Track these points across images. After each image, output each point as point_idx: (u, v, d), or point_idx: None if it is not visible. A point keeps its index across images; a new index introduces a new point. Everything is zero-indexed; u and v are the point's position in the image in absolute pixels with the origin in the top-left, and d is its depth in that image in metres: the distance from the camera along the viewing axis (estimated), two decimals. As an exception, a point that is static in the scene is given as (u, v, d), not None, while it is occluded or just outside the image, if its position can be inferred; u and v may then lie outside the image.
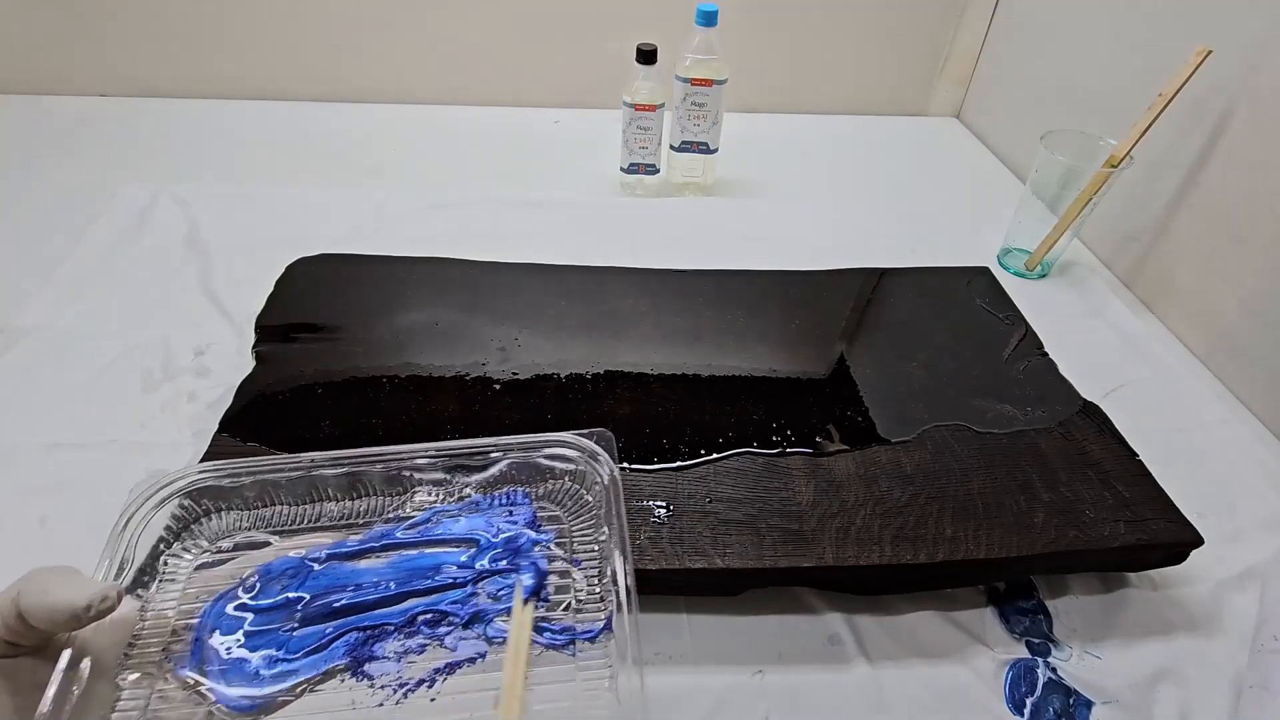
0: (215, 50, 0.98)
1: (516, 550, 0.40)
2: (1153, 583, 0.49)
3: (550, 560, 0.41)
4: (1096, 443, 0.53)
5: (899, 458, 0.51)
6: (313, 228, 0.74)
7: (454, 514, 0.42)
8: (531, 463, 0.43)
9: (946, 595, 0.47)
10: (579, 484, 0.43)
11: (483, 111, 1.03)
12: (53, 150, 0.87)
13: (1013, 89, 1.00)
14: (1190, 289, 0.69)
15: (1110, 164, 0.66)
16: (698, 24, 0.73)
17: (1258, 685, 0.43)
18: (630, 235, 0.78)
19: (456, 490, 0.42)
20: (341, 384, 0.55)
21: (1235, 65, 0.62)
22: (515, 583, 0.39)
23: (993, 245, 0.79)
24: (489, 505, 0.42)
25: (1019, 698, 0.42)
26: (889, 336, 0.63)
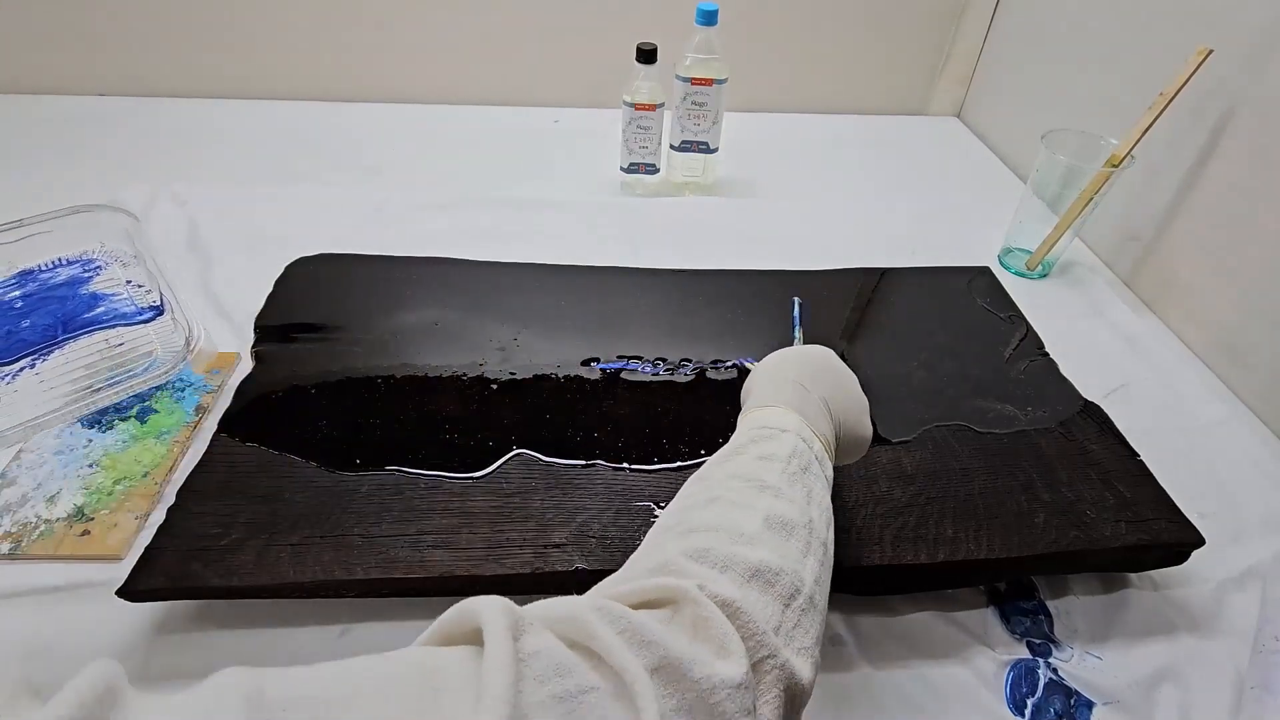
0: (215, 50, 0.98)
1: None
2: (1154, 583, 0.49)
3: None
4: (1097, 443, 0.53)
5: (899, 458, 0.51)
6: (312, 228, 0.74)
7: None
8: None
9: (947, 595, 0.47)
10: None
11: (483, 111, 1.03)
12: (53, 150, 0.87)
13: (1013, 88, 1.00)
14: (1191, 289, 0.69)
15: (1111, 163, 0.66)
16: (698, 23, 0.73)
17: (1259, 685, 0.43)
18: (630, 235, 0.78)
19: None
20: (341, 383, 0.55)
21: (1235, 65, 0.62)
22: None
23: (993, 245, 0.79)
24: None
25: (1020, 698, 0.42)
26: (889, 336, 0.63)
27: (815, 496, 0.33)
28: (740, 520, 0.30)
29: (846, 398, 0.41)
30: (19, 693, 0.20)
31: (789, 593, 0.28)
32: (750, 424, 0.37)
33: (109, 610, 0.42)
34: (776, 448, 0.34)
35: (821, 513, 0.33)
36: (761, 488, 0.32)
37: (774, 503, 0.31)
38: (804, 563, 0.30)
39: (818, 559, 0.31)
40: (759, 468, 0.33)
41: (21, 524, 0.46)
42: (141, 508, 0.48)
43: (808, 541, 0.31)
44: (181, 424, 0.53)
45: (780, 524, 0.30)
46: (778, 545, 0.29)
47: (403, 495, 0.47)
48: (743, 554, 0.28)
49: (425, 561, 0.43)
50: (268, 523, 0.44)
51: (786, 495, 0.32)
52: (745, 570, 0.27)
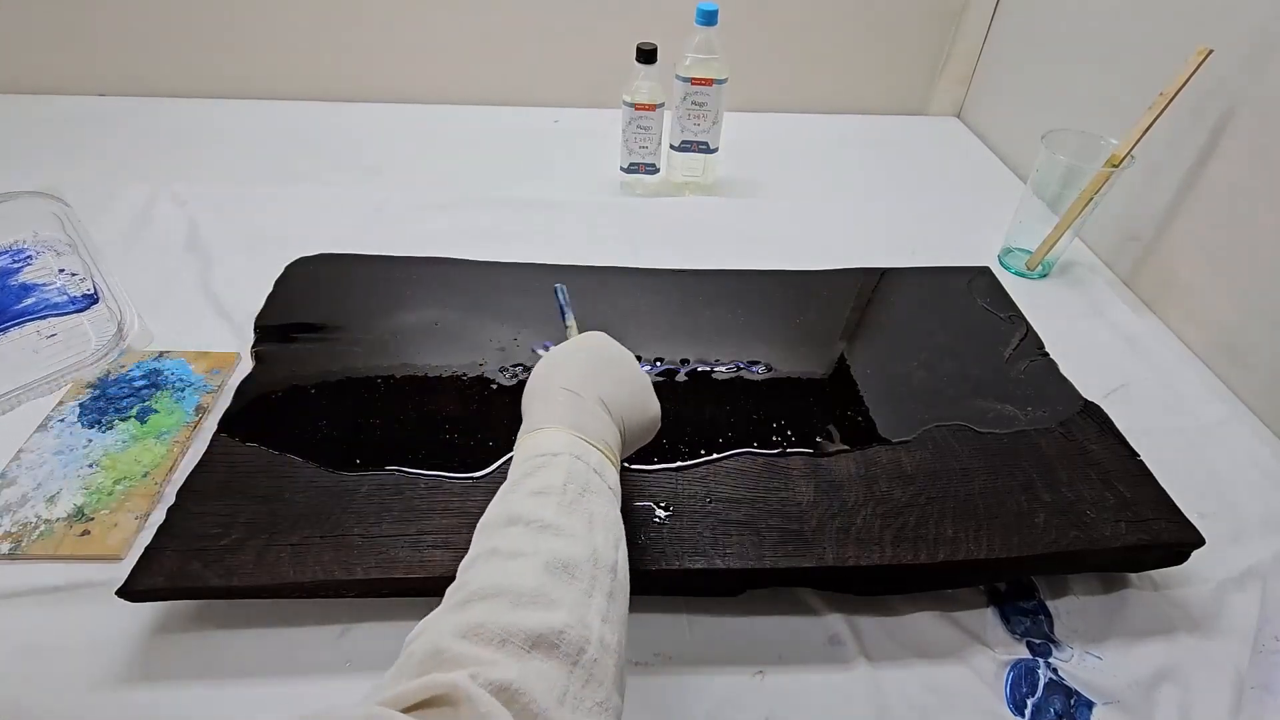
0: (215, 50, 0.98)
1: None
2: (1154, 583, 0.49)
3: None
4: (1097, 443, 0.53)
5: (899, 458, 0.51)
6: (312, 228, 0.74)
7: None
8: None
9: (947, 595, 0.47)
10: None
11: (483, 111, 1.03)
12: (53, 150, 0.87)
13: (1013, 88, 1.00)
14: (1191, 289, 0.69)
15: (1111, 163, 0.66)
16: (698, 23, 0.73)
17: (1259, 686, 0.43)
18: (630, 235, 0.78)
19: None
20: (340, 383, 0.55)
21: (1235, 65, 0.62)
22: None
23: (993, 245, 0.79)
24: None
25: (1020, 698, 0.42)
26: (889, 336, 0.63)
27: (598, 517, 0.33)
28: (517, 576, 0.29)
29: (623, 385, 0.41)
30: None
31: (575, 649, 0.27)
32: (523, 454, 0.36)
33: (109, 610, 0.42)
34: (549, 477, 0.33)
35: (607, 533, 0.33)
36: (540, 529, 0.31)
37: (553, 543, 0.30)
38: (589, 604, 0.29)
39: (604, 591, 0.30)
40: (533, 506, 0.32)
41: (21, 524, 0.46)
42: (141, 508, 0.48)
43: (592, 577, 0.30)
44: (181, 424, 0.53)
45: (560, 566, 0.29)
46: (560, 595, 0.28)
47: (403, 495, 0.47)
48: (521, 621, 0.27)
49: (425, 561, 0.43)
50: (268, 523, 0.44)
51: (566, 530, 0.31)
52: (525, 640, 0.26)
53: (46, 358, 0.47)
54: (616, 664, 0.29)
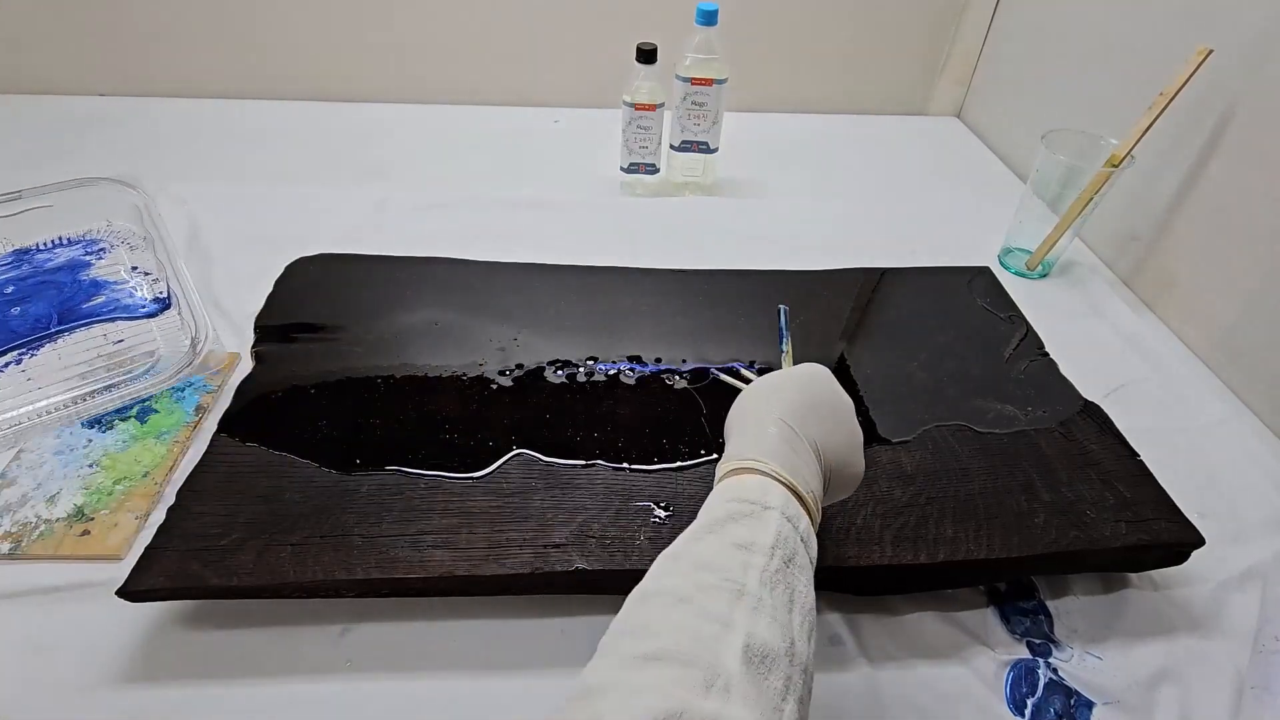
0: (215, 50, 0.98)
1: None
2: (1154, 583, 0.49)
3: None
4: (1097, 443, 0.53)
5: (899, 458, 0.51)
6: (313, 228, 0.74)
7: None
8: None
9: (947, 595, 0.47)
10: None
11: (483, 111, 1.03)
12: (53, 150, 0.87)
13: (1013, 89, 1.00)
14: (1191, 289, 0.69)
15: (1111, 163, 0.66)
16: (698, 23, 0.73)
17: (1259, 686, 0.43)
18: (630, 235, 0.78)
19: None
20: (340, 383, 0.55)
21: (1235, 65, 0.62)
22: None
23: (993, 245, 0.79)
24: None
25: (1020, 698, 0.42)
26: (889, 336, 0.63)
27: (798, 599, 0.29)
28: (714, 648, 0.25)
29: (840, 435, 0.37)
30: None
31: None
32: (728, 493, 0.32)
33: (109, 610, 0.42)
34: (757, 533, 0.30)
35: (804, 619, 0.29)
36: (739, 594, 0.27)
37: (753, 622, 0.26)
38: (781, 713, 0.25)
39: (796, 697, 0.26)
40: (736, 562, 0.28)
41: (21, 524, 0.46)
42: (141, 508, 0.48)
43: (788, 677, 0.26)
44: (181, 424, 0.53)
45: (760, 657, 0.26)
46: (756, 693, 0.25)
47: (403, 495, 0.47)
48: (720, 715, 0.23)
49: (425, 561, 0.43)
50: (268, 523, 0.44)
51: (768, 608, 0.27)
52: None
53: (109, 366, 0.42)
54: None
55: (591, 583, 0.44)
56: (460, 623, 0.44)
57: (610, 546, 0.44)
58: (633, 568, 0.43)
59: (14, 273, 0.42)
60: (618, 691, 0.24)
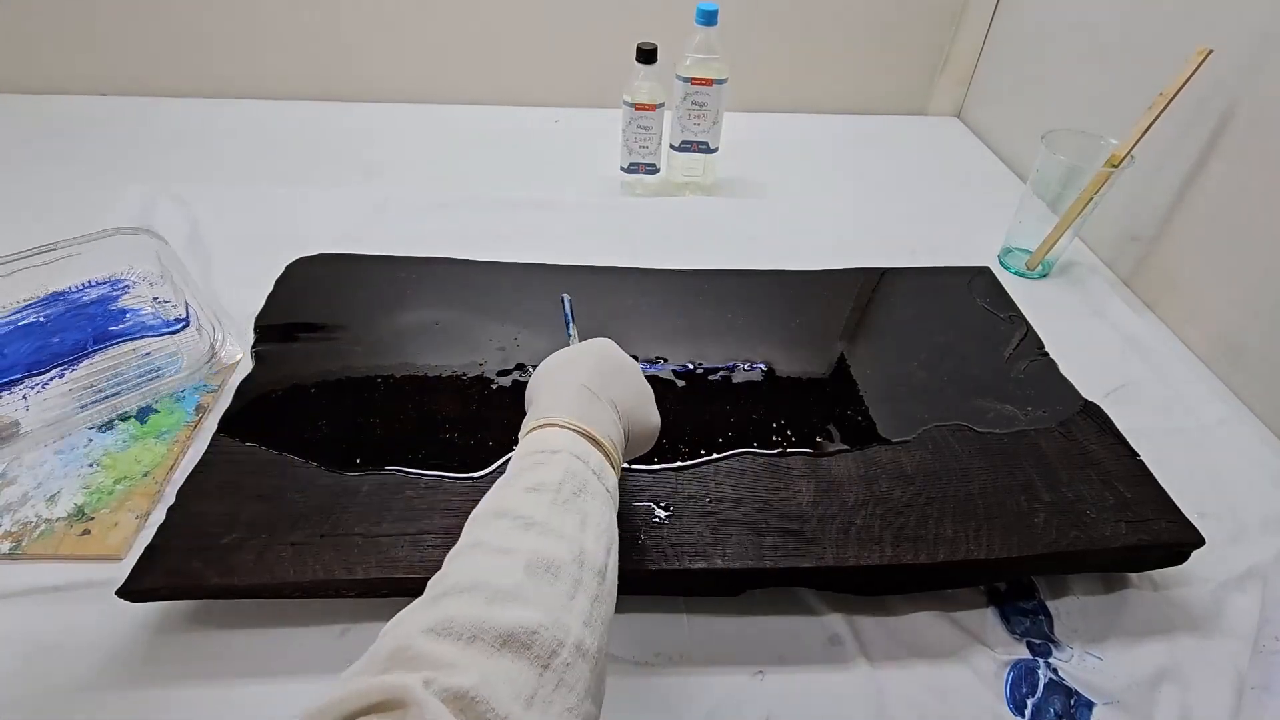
0: (215, 50, 0.98)
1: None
2: (1154, 583, 0.49)
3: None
4: (1097, 443, 0.53)
5: (899, 458, 0.51)
6: (313, 228, 0.74)
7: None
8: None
9: (947, 595, 0.47)
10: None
11: (483, 111, 1.03)
12: (53, 150, 0.87)
13: (1013, 88, 1.00)
14: (1191, 289, 0.69)
15: (1111, 163, 0.66)
16: (698, 23, 0.73)
17: (1259, 686, 0.43)
18: (630, 235, 0.78)
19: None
20: (340, 383, 0.55)
21: (1235, 65, 0.62)
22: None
23: (993, 245, 0.79)
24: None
25: (1020, 698, 0.42)
26: (889, 336, 0.63)
27: (591, 519, 0.32)
28: (497, 572, 0.28)
29: (632, 392, 0.41)
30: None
31: (548, 651, 0.26)
32: (525, 448, 0.36)
33: (109, 610, 0.42)
34: (546, 474, 0.33)
35: (599, 536, 0.32)
36: (527, 525, 0.31)
37: (539, 541, 0.30)
38: (570, 607, 0.28)
39: (589, 595, 0.29)
40: (526, 502, 0.32)
41: (21, 524, 0.46)
42: (142, 507, 0.48)
43: (577, 579, 0.29)
44: (181, 424, 0.53)
45: (544, 567, 0.29)
46: (540, 595, 0.28)
47: (403, 495, 0.47)
48: (495, 617, 0.26)
49: (425, 561, 0.43)
50: (268, 523, 0.44)
51: (555, 529, 0.31)
52: (496, 637, 0.25)
53: (139, 369, 0.50)
54: (594, 670, 0.28)
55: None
56: (460, 623, 0.44)
57: (610, 546, 0.44)
58: (633, 568, 0.43)
59: (53, 309, 0.50)
60: (401, 623, 0.27)
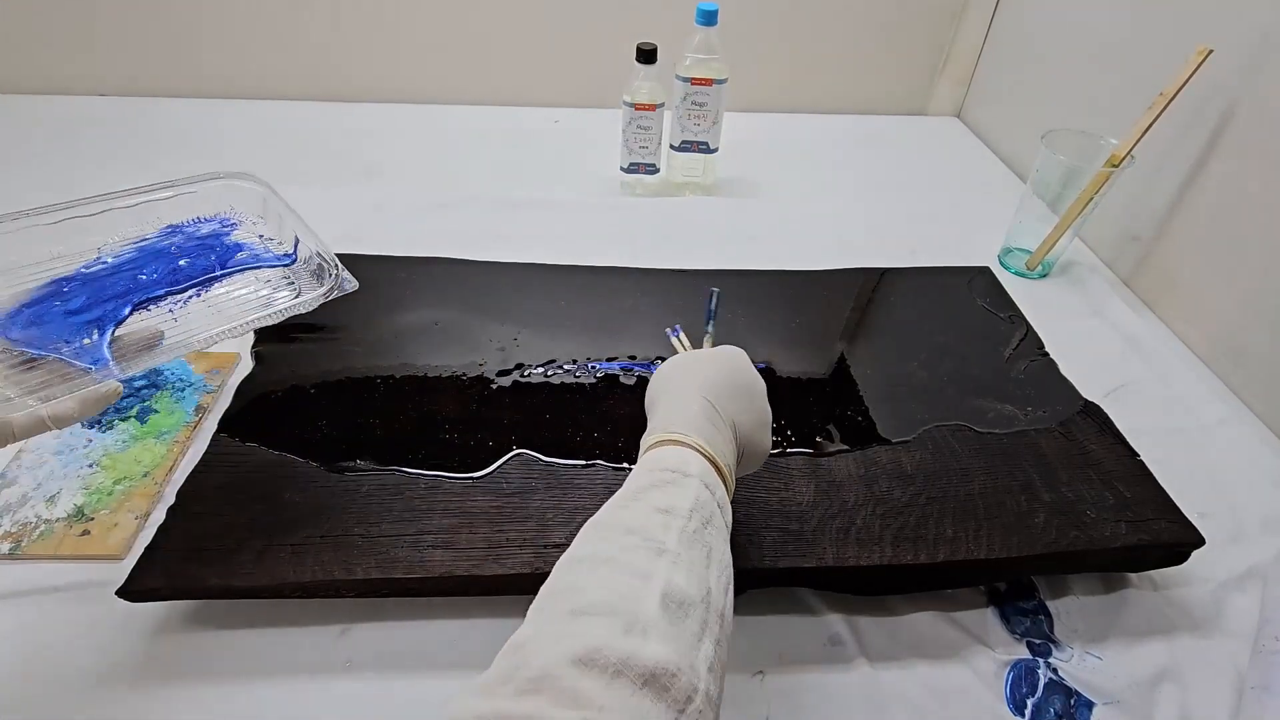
0: (215, 50, 0.98)
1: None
2: (1154, 583, 0.49)
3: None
4: (1097, 443, 0.53)
5: (899, 458, 0.51)
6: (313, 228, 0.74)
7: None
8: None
9: (947, 595, 0.47)
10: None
11: (483, 111, 1.03)
12: (53, 150, 0.87)
13: (1013, 88, 1.00)
14: (1191, 289, 0.69)
15: (1111, 163, 0.66)
16: (698, 23, 0.73)
17: (1259, 686, 0.43)
18: (630, 235, 0.78)
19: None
20: (340, 383, 0.55)
21: (1235, 65, 0.62)
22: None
23: (993, 245, 0.79)
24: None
25: (1020, 698, 0.42)
26: (889, 336, 0.63)
27: (715, 555, 0.31)
28: (636, 597, 0.27)
29: (752, 414, 0.40)
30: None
31: (684, 696, 0.25)
32: (651, 463, 0.35)
33: (109, 610, 0.42)
34: (678, 498, 0.32)
35: (720, 574, 0.31)
36: (659, 551, 0.29)
37: (672, 572, 0.29)
38: (698, 650, 0.27)
39: (713, 639, 0.28)
40: (657, 524, 0.31)
41: (21, 524, 0.46)
42: (141, 508, 0.48)
43: (704, 620, 0.28)
44: (181, 424, 0.53)
45: (678, 603, 0.28)
46: (674, 633, 0.27)
47: (403, 495, 0.47)
48: (637, 653, 0.25)
49: (425, 561, 0.43)
50: (268, 523, 0.44)
51: (685, 561, 0.29)
52: (638, 675, 0.25)
53: (264, 299, 0.52)
54: (714, 716, 0.27)
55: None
56: (460, 623, 0.44)
57: (610, 546, 0.44)
58: None
59: (174, 239, 0.53)
60: (543, 640, 0.26)
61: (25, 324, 0.44)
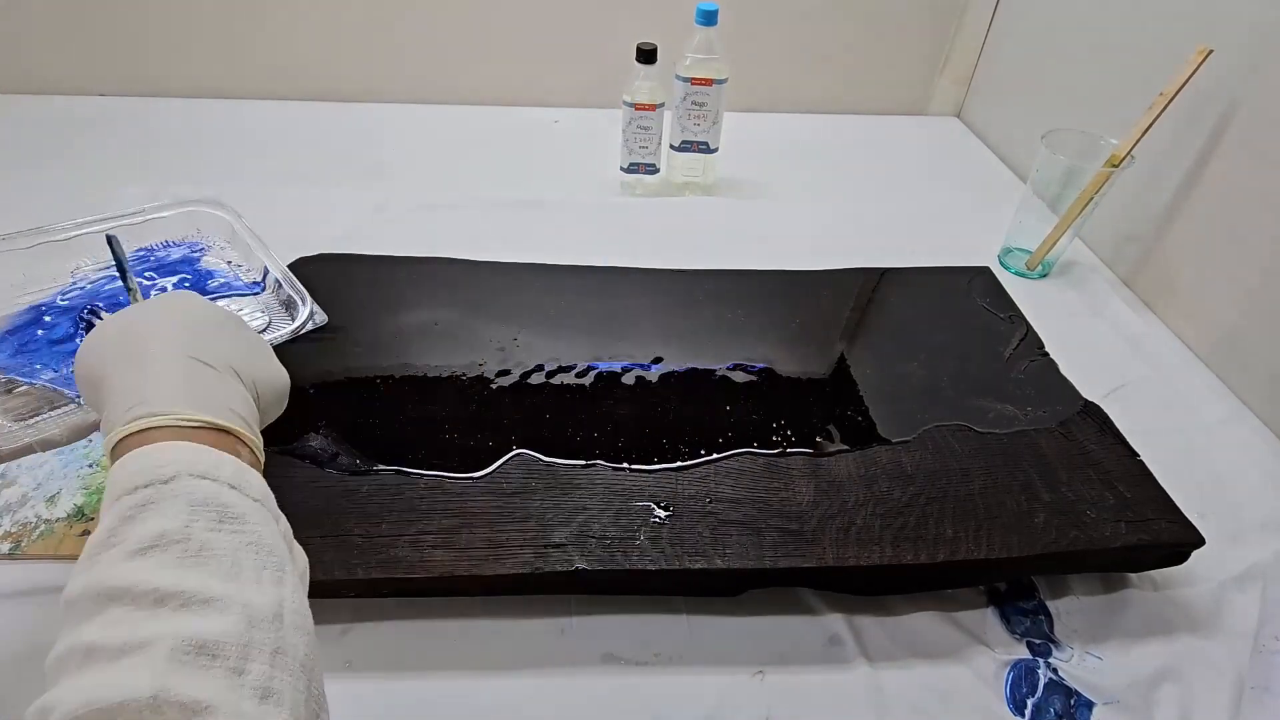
0: (215, 50, 0.98)
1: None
2: (1154, 583, 0.49)
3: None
4: (1097, 443, 0.53)
5: (899, 458, 0.51)
6: (313, 228, 0.74)
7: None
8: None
9: (947, 595, 0.47)
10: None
11: (483, 111, 1.03)
12: (53, 150, 0.87)
13: (1013, 88, 1.00)
14: (1191, 289, 0.69)
15: (1111, 163, 0.66)
16: (698, 23, 0.73)
17: (1259, 686, 0.43)
18: (630, 235, 0.78)
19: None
20: (340, 383, 0.55)
21: (1235, 65, 0.62)
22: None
23: (993, 245, 0.79)
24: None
25: (1020, 698, 0.42)
26: (889, 336, 0.63)
27: (244, 553, 0.25)
28: (128, 688, 0.21)
29: (245, 346, 0.33)
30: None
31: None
32: (118, 484, 0.26)
33: (109, 610, 0.42)
34: (160, 523, 0.24)
35: (260, 570, 0.25)
36: (156, 604, 0.23)
37: (178, 623, 0.23)
38: (240, 687, 0.22)
39: (265, 655, 0.23)
40: (142, 571, 0.24)
41: (21, 524, 0.46)
42: (141, 508, 0.48)
43: (244, 645, 0.23)
44: (181, 424, 0.53)
45: (196, 650, 0.22)
46: (197, 691, 0.22)
47: (403, 495, 0.47)
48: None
49: (425, 561, 0.43)
50: (268, 523, 0.44)
51: (198, 593, 0.23)
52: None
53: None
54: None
55: (591, 583, 0.44)
56: (460, 623, 0.44)
57: (610, 546, 0.44)
58: (632, 567, 0.43)
59: (147, 263, 0.54)
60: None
61: (11, 352, 0.44)
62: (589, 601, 0.45)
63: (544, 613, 0.45)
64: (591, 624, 0.45)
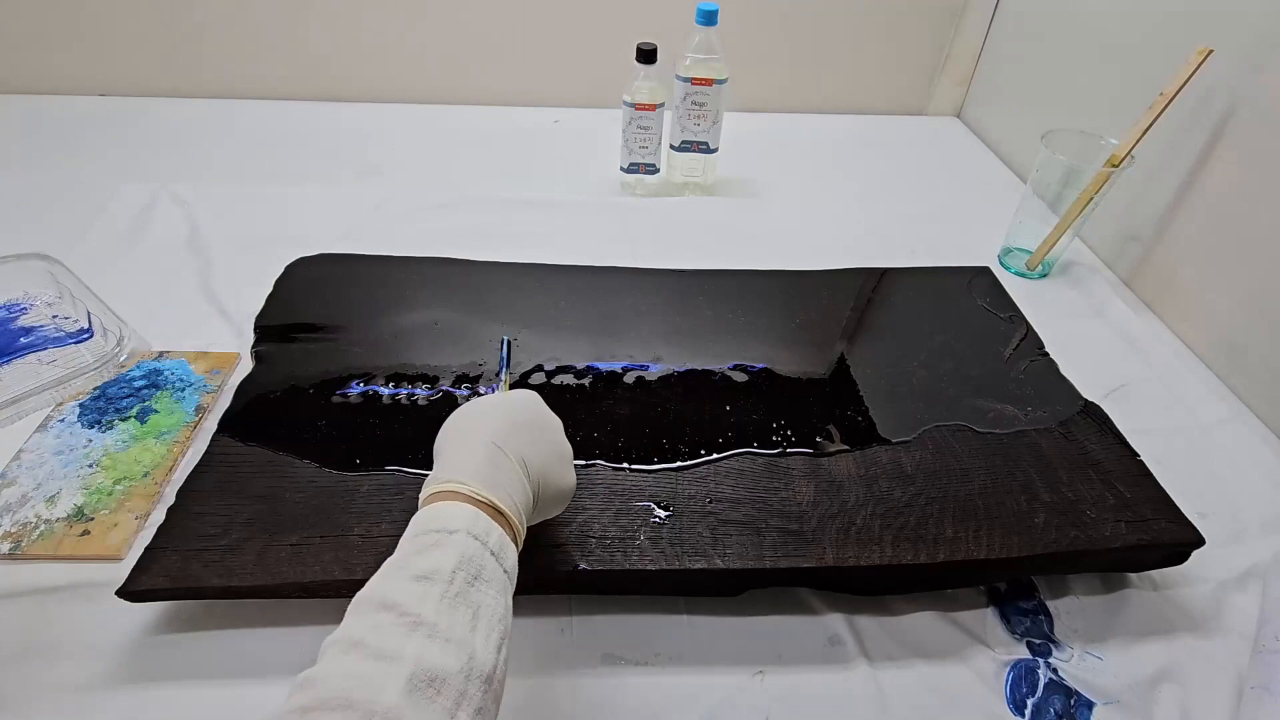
0: (215, 50, 0.98)
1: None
2: (1154, 583, 0.49)
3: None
4: (1097, 443, 0.53)
5: (899, 458, 0.51)
6: (313, 228, 0.74)
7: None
8: None
9: (947, 595, 0.47)
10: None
11: (483, 111, 1.03)
12: (53, 150, 0.87)
13: (1013, 88, 1.00)
14: (1191, 289, 0.69)
15: (1111, 163, 0.66)
16: (698, 23, 0.73)
17: (1259, 685, 0.43)
18: (630, 235, 0.78)
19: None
20: (341, 383, 0.55)
21: (1235, 65, 0.62)
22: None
23: (993, 245, 0.79)
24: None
25: (1020, 698, 0.42)
26: (889, 336, 0.63)
27: (484, 613, 0.30)
28: (377, 685, 0.26)
29: (548, 449, 0.39)
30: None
31: None
32: (418, 526, 0.33)
33: (109, 610, 0.42)
34: (440, 560, 0.30)
35: (489, 633, 0.30)
36: (414, 625, 0.28)
37: (425, 649, 0.27)
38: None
39: (473, 708, 0.27)
40: (414, 594, 0.29)
41: (21, 524, 0.46)
42: (141, 508, 0.48)
43: (461, 692, 0.27)
44: (181, 424, 0.53)
45: (427, 681, 0.27)
46: (420, 717, 0.26)
47: (403, 495, 0.46)
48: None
49: (425, 561, 0.43)
50: (268, 523, 0.44)
51: (444, 632, 0.28)
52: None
53: (46, 376, 0.52)
54: None
55: (591, 583, 0.44)
56: (460, 623, 0.44)
57: (610, 546, 0.44)
58: (632, 567, 0.43)
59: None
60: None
61: None
62: (589, 601, 0.45)
63: (544, 613, 0.45)
64: (591, 624, 0.45)
